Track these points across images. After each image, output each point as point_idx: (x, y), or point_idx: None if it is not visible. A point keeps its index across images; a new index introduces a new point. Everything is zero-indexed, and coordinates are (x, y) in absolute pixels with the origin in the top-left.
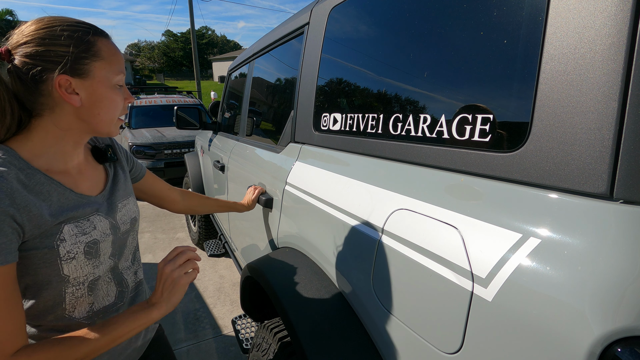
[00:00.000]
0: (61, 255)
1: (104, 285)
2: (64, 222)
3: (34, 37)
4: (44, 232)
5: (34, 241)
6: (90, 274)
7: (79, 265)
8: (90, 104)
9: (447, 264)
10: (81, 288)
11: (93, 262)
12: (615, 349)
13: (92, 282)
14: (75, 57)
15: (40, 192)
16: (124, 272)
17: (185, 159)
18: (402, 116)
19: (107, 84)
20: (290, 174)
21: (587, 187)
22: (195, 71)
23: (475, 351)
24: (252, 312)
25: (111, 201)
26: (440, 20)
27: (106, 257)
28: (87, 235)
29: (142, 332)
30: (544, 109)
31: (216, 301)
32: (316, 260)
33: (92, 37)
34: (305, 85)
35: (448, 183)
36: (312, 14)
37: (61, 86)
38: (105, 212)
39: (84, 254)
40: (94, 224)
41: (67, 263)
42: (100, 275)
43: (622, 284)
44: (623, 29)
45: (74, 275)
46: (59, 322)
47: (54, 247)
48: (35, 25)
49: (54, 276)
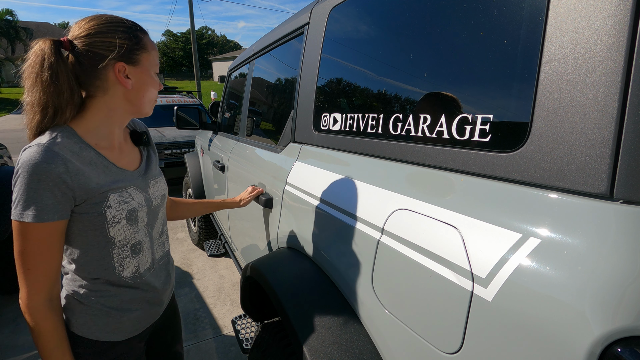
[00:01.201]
0: (108, 220)
1: (144, 251)
2: (109, 191)
3: (96, 30)
4: (93, 199)
5: (85, 206)
6: (131, 237)
7: (122, 229)
8: (137, 87)
9: (447, 264)
10: (125, 250)
11: (133, 228)
12: (615, 349)
13: (133, 245)
14: (130, 48)
15: (90, 164)
16: (155, 241)
17: (185, 159)
18: (402, 116)
19: (149, 71)
20: (290, 174)
21: (587, 187)
22: (195, 71)
23: (475, 351)
24: (252, 312)
25: (145, 178)
26: (440, 20)
27: (142, 226)
28: (128, 204)
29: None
30: (544, 109)
31: (216, 301)
32: (316, 260)
33: (140, 33)
34: (305, 85)
35: (448, 183)
36: (312, 14)
37: (119, 71)
38: (141, 187)
39: (126, 220)
40: (132, 195)
41: (112, 226)
42: (140, 241)
43: (622, 284)
44: (623, 29)
45: (118, 238)
46: (112, 279)
47: (102, 212)
48: (95, 21)
49: (102, 237)
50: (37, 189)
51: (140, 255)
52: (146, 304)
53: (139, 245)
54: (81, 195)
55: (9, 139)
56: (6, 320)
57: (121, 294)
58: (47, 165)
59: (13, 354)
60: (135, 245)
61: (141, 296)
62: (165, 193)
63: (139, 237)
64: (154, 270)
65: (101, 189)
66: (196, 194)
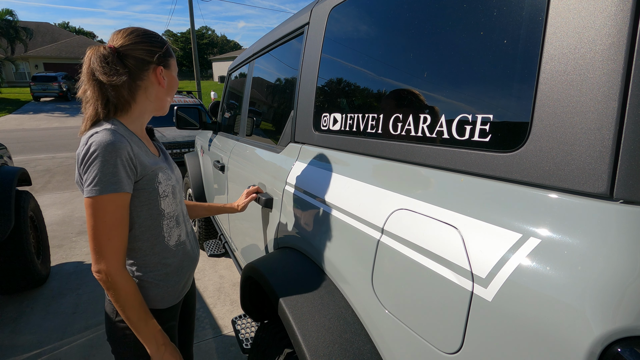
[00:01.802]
0: (160, 193)
1: (181, 222)
2: (157, 169)
3: (136, 40)
4: (148, 176)
5: (142, 182)
6: (175, 209)
7: (169, 202)
8: (168, 88)
9: (447, 264)
10: (172, 220)
11: (176, 201)
12: (615, 349)
13: (177, 217)
14: (164, 54)
15: (140, 148)
16: (185, 215)
17: (185, 159)
18: (402, 116)
19: (174, 74)
20: (290, 174)
21: (587, 187)
22: (195, 71)
23: (475, 351)
24: (252, 312)
25: (168, 163)
26: (440, 20)
27: (179, 201)
28: (171, 181)
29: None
30: (544, 109)
31: (216, 301)
32: (316, 260)
33: (167, 43)
34: (305, 85)
35: (448, 183)
36: (312, 14)
37: (159, 73)
38: (170, 169)
39: (172, 194)
40: (168, 174)
41: (163, 199)
42: (179, 213)
43: (622, 284)
44: (623, 29)
45: (167, 210)
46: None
47: (155, 188)
48: (135, 33)
49: (155, 210)
50: (116, 164)
51: (180, 225)
52: (184, 271)
53: (180, 217)
54: (141, 172)
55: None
56: (6, 320)
57: (167, 265)
58: (120, 144)
59: (13, 354)
60: (178, 216)
61: (182, 264)
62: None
63: (179, 209)
64: (189, 240)
65: (152, 167)
66: (196, 194)
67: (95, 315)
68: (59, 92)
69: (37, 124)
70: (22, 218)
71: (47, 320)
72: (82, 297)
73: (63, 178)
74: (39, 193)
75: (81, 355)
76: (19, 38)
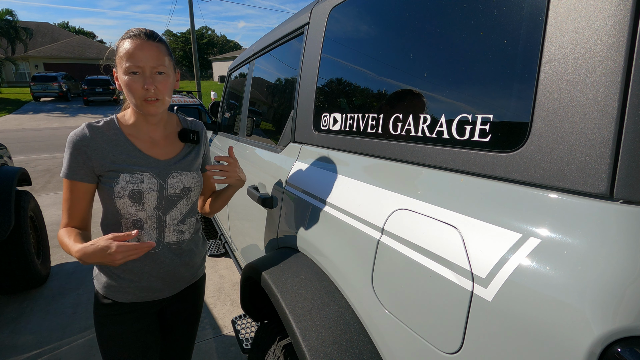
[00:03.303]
0: (114, 193)
1: (147, 230)
2: (122, 170)
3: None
4: (107, 174)
5: (103, 178)
6: (133, 214)
7: (124, 204)
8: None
9: (447, 264)
10: (128, 222)
11: (136, 206)
12: (615, 349)
13: (134, 221)
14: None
15: (116, 146)
16: (168, 227)
17: None
18: (402, 116)
19: (121, 74)
20: (290, 174)
21: (587, 187)
22: (195, 71)
23: (475, 351)
24: (252, 312)
25: (169, 168)
26: (440, 20)
27: (151, 208)
28: (135, 185)
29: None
30: (544, 109)
31: (216, 301)
32: (316, 260)
33: (119, 42)
34: (305, 85)
35: (448, 183)
36: (312, 14)
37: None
38: (157, 174)
39: (129, 197)
40: (144, 179)
41: (117, 200)
42: (143, 219)
43: (622, 284)
44: (623, 29)
45: (123, 211)
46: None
47: (112, 186)
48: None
49: (112, 207)
50: (69, 154)
51: (143, 232)
52: (143, 276)
53: (140, 223)
54: (98, 168)
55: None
56: (6, 320)
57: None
58: (76, 137)
59: (13, 354)
60: (136, 221)
61: (142, 268)
62: (190, 187)
63: (142, 216)
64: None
65: (113, 166)
66: None
67: None
68: (59, 92)
69: (37, 124)
70: (22, 218)
71: (47, 320)
72: (82, 297)
73: None
74: (39, 193)
75: (81, 355)
76: (19, 38)
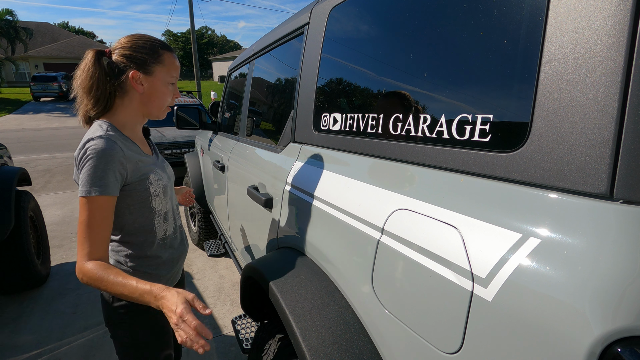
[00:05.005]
0: (151, 193)
1: (169, 218)
2: (149, 171)
3: (126, 45)
4: (139, 177)
5: (133, 184)
6: (166, 207)
7: (160, 200)
8: (148, 94)
9: (447, 264)
10: (161, 217)
11: (166, 199)
12: (615, 348)
13: (166, 213)
14: (144, 60)
15: (132, 150)
16: (175, 211)
17: (185, 159)
18: (402, 116)
19: (158, 83)
20: (290, 174)
21: (587, 187)
22: (195, 71)
23: (475, 351)
24: (252, 312)
25: (159, 162)
26: (440, 20)
27: (169, 198)
28: (162, 180)
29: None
30: (544, 109)
31: (216, 301)
32: (316, 261)
33: (161, 50)
34: (305, 85)
35: (448, 183)
36: (312, 14)
37: (133, 78)
38: (161, 168)
39: (163, 193)
40: (160, 174)
41: (154, 198)
42: (168, 210)
43: (622, 284)
44: (623, 29)
45: (158, 208)
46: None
47: (147, 188)
48: (128, 38)
49: (147, 208)
50: (105, 169)
51: (168, 221)
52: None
53: (169, 213)
54: (131, 175)
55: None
56: (6, 320)
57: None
58: (111, 150)
59: (13, 354)
60: (167, 213)
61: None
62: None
63: (169, 206)
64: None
65: (144, 169)
66: (196, 194)
67: (95, 315)
68: (59, 92)
69: (37, 124)
70: (22, 218)
71: (47, 320)
72: (82, 297)
73: (63, 178)
74: (39, 193)
75: (81, 355)
76: (19, 38)
